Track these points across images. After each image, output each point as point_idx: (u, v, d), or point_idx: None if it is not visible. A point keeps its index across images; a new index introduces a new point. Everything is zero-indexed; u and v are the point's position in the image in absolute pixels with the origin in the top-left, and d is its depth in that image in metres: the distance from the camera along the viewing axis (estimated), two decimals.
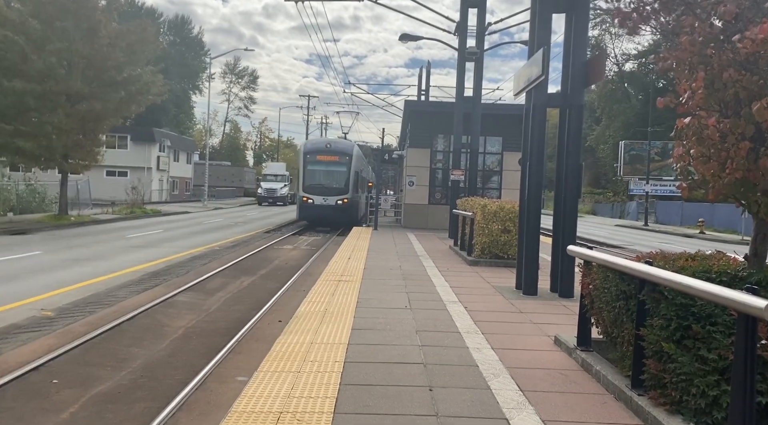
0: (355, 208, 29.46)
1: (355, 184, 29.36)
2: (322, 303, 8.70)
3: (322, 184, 28.80)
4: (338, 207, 28.23)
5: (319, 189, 28.63)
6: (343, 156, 29.48)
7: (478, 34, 21.35)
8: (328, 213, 28.19)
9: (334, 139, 31.48)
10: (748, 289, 3.56)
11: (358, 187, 30.14)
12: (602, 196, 76.30)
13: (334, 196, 28.26)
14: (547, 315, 8.58)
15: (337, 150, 29.88)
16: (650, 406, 4.61)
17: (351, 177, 28.98)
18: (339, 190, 28.69)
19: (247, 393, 4.98)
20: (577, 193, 10.26)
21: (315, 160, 29.43)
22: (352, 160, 29.37)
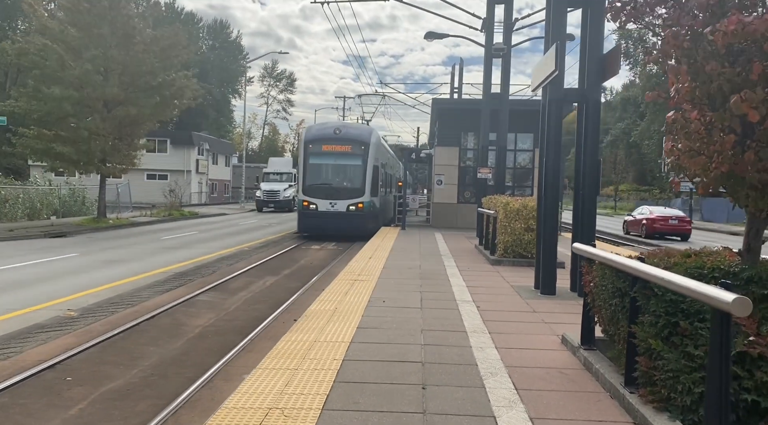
0: (374, 214, 23.19)
1: (374, 182, 23.01)
2: (334, 302, 8.78)
3: (328, 183, 22.97)
4: (351, 215, 22.23)
5: (325, 190, 22.69)
6: (357, 145, 22.91)
7: (505, 30, 21.18)
8: (336, 224, 22.15)
9: (345, 123, 23.63)
10: (721, 284, 3.49)
11: (379, 187, 23.79)
12: (648, 193, 74.64)
13: (344, 200, 22.43)
14: (561, 315, 8.49)
15: (349, 137, 23.27)
16: (640, 404, 4.55)
17: (368, 173, 22.76)
18: (352, 191, 22.68)
19: (241, 389, 5.08)
20: (595, 189, 10.11)
21: (320, 151, 23.09)
22: (370, 150, 22.82)
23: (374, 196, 23.13)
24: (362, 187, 22.71)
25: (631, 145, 76.60)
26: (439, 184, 26.46)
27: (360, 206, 22.47)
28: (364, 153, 22.87)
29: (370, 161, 22.91)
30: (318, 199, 22.57)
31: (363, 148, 22.90)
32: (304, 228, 23.11)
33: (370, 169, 22.84)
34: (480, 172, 21.09)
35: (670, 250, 5.54)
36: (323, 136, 23.51)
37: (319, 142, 23.35)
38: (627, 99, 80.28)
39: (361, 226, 22.33)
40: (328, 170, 23.47)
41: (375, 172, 23.12)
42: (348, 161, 23.12)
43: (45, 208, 28.20)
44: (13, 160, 41.04)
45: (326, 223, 22.33)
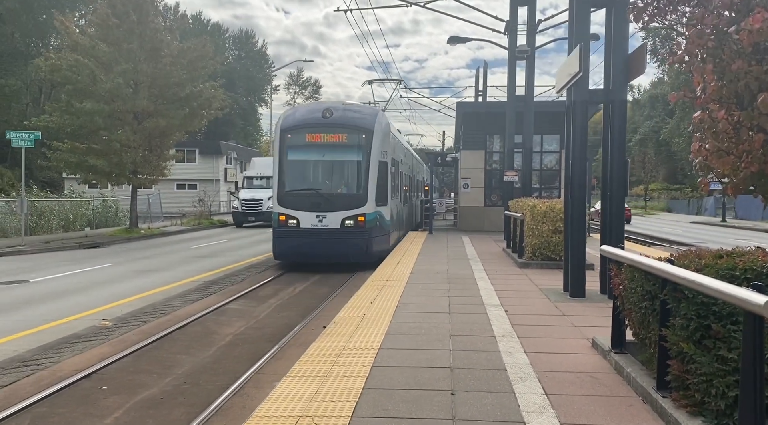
0: (382, 231, 16.76)
1: (381, 184, 16.51)
2: (362, 308, 8.82)
3: (314, 188, 16.28)
4: (347, 233, 15.82)
5: (310, 199, 16.00)
6: (356, 133, 16.37)
7: (528, 32, 21.05)
8: (326, 246, 15.79)
9: (339, 102, 18.70)
10: (753, 286, 3.44)
11: (390, 191, 17.36)
12: (679, 191, 73.37)
13: (338, 212, 15.87)
14: (591, 318, 8.40)
15: (344, 122, 16.51)
16: (673, 408, 4.49)
17: (372, 172, 16.17)
18: (348, 199, 16.15)
19: (272, 397, 5.14)
20: (623, 190, 10.00)
21: (302, 142, 16.50)
22: (375, 139, 16.27)
23: (381, 204, 16.49)
24: (364, 192, 16.03)
25: (660, 144, 75.42)
26: (466, 188, 26.38)
27: (361, 220, 15.79)
28: (366, 144, 16.18)
29: (375, 155, 16.17)
30: (300, 212, 15.87)
31: (364, 138, 16.21)
32: (282, 253, 16.30)
33: (374, 167, 16.15)
34: (506, 174, 20.98)
35: (702, 251, 5.44)
36: (307, 122, 16.60)
37: (301, 129, 16.46)
38: (655, 96, 79.13)
39: (363, 249, 15.83)
40: (315, 170, 16.98)
41: (382, 171, 16.46)
42: (343, 156, 16.55)
43: (79, 219, 28.81)
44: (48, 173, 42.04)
45: (312, 246, 15.77)
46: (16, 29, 49.31)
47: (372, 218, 16.07)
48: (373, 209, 16.12)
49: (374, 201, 16.15)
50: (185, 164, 52.20)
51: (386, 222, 17.04)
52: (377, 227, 16.30)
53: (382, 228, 16.67)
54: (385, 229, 17.02)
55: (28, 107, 49.36)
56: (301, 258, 16.29)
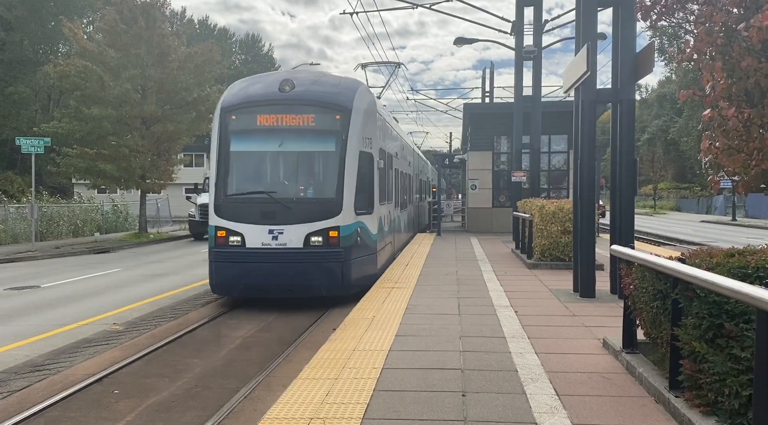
0: (365, 251, 12.20)
1: (365, 183, 12.18)
2: (372, 310, 8.82)
3: (267, 192, 11.71)
4: (313, 255, 11.32)
5: (259, 206, 11.53)
6: (325, 113, 12.00)
7: (535, 33, 21.03)
8: (282, 274, 11.26)
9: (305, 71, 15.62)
10: (766, 284, 3.41)
11: (378, 192, 12.80)
12: (688, 190, 72.99)
13: (299, 224, 11.36)
14: (602, 318, 8.37)
15: (310, 97, 12.03)
16: (686, 408, 4.46)
17: (350, 167, 11.75)
18: (315, 206, 11.67)
19: (282, 400, 5.15)
20: (632, 189, 9.95)
21: (250, 126, 12.15)
22: (353, 121, 11.90)
23: (365, 212, 11.96)
24: (338, 196, 11.42)
25: (669, 143, 75.07)
26: (474, 189, 26.34)
27: (333, 235, 11.24)
28: (341, 128, 11.65)
29: (355, 143, 11.64)
30: (246, 225, 11.28)
31: (339, 120, 11.72)
32: (221, 284, 11.51)
33: (352, 160, 11.59)
34: (514, 175, 20.94)
35: (713, 250, 5.41)
36: (258, 98, 12.01)
37: (249, 108, 11.92)
38: (663, 95, 78.81)
39: (337, 277, 11.21)
40: (268, 166, 12.42)
41: (366, 166, 11.95)
42: (308, 145, 11.94)
43: (88, 224, 28.97)
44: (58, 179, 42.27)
45: (263, 274, 11.11)
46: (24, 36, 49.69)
47: (350, 232, 11.32)
48: (351, 219, 11.37)
49: (353, 208, 11.42)
50: (193, 168, 52.37)
51: (372, 237, 12.27)
52: (358, 245, 11.57)
53: (365, 246, 11.95)
54: (371, 247, 12.23)
55: (37, 114, 49.72)
56: (248, 291, 11.44)
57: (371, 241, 12.38)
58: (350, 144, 11.64)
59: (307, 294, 11.38)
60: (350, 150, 11.63)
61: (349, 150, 11.61)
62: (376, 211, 12.62)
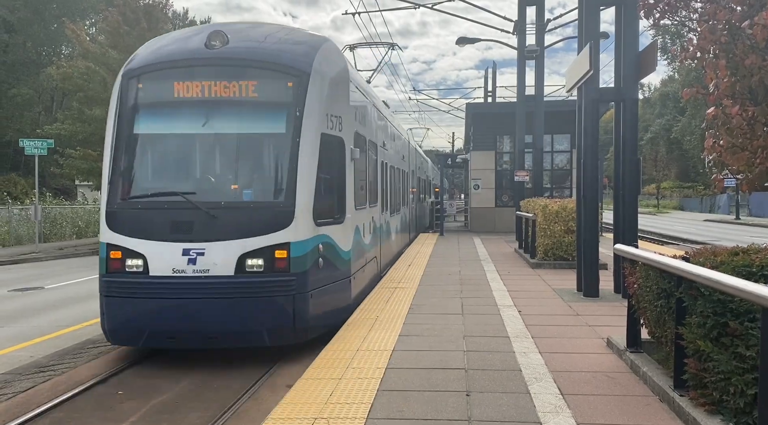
0: (332, 274, 8.33)
1: (330, 179, 8.45)
2: (375, 310, 8.82)
3: (181, 192, 7.75)
4: (248, 287, 7.37)
5: (168, 215, 7.66)
6: (273, 77, 8.06)
7: (537, 32, 21.02)
8: (202, 317, 7.29)
9: (244, 23, 9.66)
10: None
11: (353, 193, 9.24)
12: (692, 189, 72.90)
13: (229, 240, 7.42)
14: (605, 317, 8.35)
15: (248, 56, 8.08)
16: (690, 407, 4.46)
17: (308, 155, 7.81)
18: (252, 213, 7.71)
19: (286, 400, 5.15)
20: (635, 188, 9.94)
21: (162, 97, 8.22)
22: (311, 90, 7.94)
23: (330, 220, 8.44)
24: (287, 198, 7.77)
25: (672, 142, 74.97)
26: (476, 189, 26.33)
27: (280, 257, 7.56)
28: (294, 100, 8.02)
29: (314, 122, 8.00)
30: (150, 243, 7.61)
31: (291, 87, 8.08)
32: (116, 331, 7.83)
33: (311, 145, 7.94)
34: (517, 175, 20.93)
35: (716, 249, 5.40)
36: (176, 57, 8.37)
37: (161, 73, 8.31)
38: (666, 94, 78.69)
39: (287, 319, 7.56)
40: (183, 155, 8.49)
41: (332, 155, 8.50)
42: (245, 124, 8.32)
43: (92, 226, 29.00)
44: (61, 180, 42.37)
45: (176, 317, 7.45)
46: (27, 38, 49.79)
47: (306, 251, 7.66)
48: (309, 232, 7.74)
49: (311, 215, 7.79)
50: None
51: (343, 256, 8.62)
52: (320, 268, 7.91)
53: (332, 270, 8.26)
54: (340, 270, 8.54)
55: (41, 115, 49.82)
56: (156, 341, 7.73)
57: (341, 262, 8.47)
58: (308, 123, 7.72)
59: (242, 345, 7.56)
60: (308, 131, 7.70)
61: (305, 131, 7.69)
62: (351, 218, 8.85)
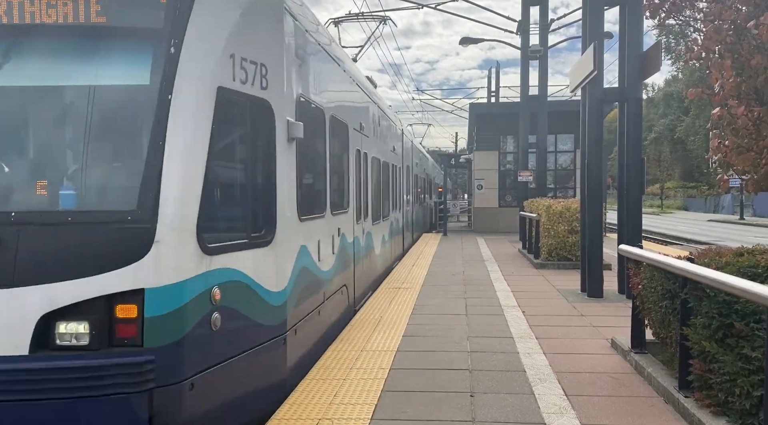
0: (254, 335, 4.73)
1: (248, 176, 4.91)
2: (379, 310, 8.81)
3: None
4: (55, 383, 3.67)
5: None
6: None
7: (540, 32, 21.03)
8: None
9: None
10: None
11: (298, 193, 5.63)
12: (696, 189, 72.72)
13: (23, 287, 3.76)
14: (610, 318, 8.33)
15: None
16: (695, 408, 4.44)
17: (184, 129, 4.10)
18: (74, 233, 3.89)
19: (290, 400, 5.14)
20: (640, 188, 9.90)
21: None
22: (198, 11, 4.23)
23: (245, 241, 4.75)
24: (144, 205, 3.96)
25: (675, 142, 74.77)
26: (480, 189, 26.29)
27: (124, 318, 3.85)
28: (167, 25, 4.19)
29: (204, 66, 4.33)
30: None
31: (165, 4, 4.22)
32: None
33: (195, 109, 4.26)
34: (520, 175, 20.92)
35: (721, 249, 5.38)
36: None
37: None
38: (670, 94, 78.48)
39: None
40: None
41: (241, 125, 4.87)
42: (75, 69, 4.38)
43: None
44: None
45: None
46: None
47: (180, 304, 4.04)
48: (186, 267, 4.11)
49: (193, 235, 4.19)
50: None
51: (270, 301, 5.09)
52: (215, 333, 4.28)
53: (244, 329, 4.73)
54: (265, 327, 5.02)
55: None
56: None
57: (266, 311, 5.05)
58: (188, 67, 4.31)
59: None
60: (188, 81, 4.31)
61: (184, 81, 4.29)
62: (289, 236, 5.47)
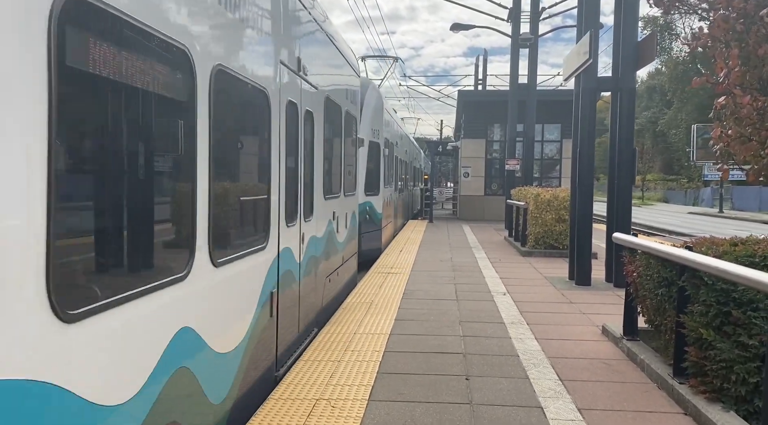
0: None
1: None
2: (369, 295, 8.80)
3: None
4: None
5: None
6: None
7: (531, 20, 20.98)
8: None
9: None
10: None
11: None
12: (675, 182, 73.57)
13: None
14: (598, 306, 8.41)
15: None
16: (690, 394, 4.49)
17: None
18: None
19: (287, 380, 5.12)
20: (630, 179, 9.98)
21: None
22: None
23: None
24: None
25: (657, 134, 75.47)
26: (466, 177, 26.33)
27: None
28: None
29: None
30: None
31: None
32: None
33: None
34: (508, 163, 20.97)
35: (716, 239, 5.43)
36: None
37: None
38: (652, 87, 79.06)
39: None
40: None
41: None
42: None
43: None
44: None
45: None
46: None
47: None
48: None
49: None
50: None
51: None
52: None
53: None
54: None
55: None
56: None
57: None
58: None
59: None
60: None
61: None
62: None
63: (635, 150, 9.96)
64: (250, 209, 4.62)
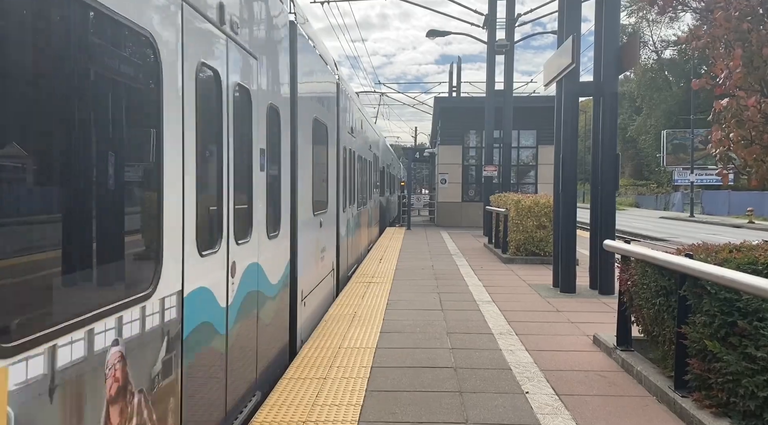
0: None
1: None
2: (352, 305, 8.53)
3: None
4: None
5: None
6: None
7: (507, 26, 20.95)
8: None
9: None
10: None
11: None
12: (645, 187, 74.60)
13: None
14: (586, 314, 8.26)
15: None
16: (695, 409, 4.31)
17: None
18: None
19: (269, 402, 4.83)
20: (614, 184, 9.88)
21: None
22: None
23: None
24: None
25: (627, 140, 76.49)
26: (443, 183, 26.20)
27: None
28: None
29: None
30: None
31: None
32: None
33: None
34: (486, 170, 20.88)
35: (710, 246, 5.29)
36: None
37: None
38: (622, 94, 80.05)
39: None
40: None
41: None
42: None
43: None
44: None
45: None
46: None
47: None
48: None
49: None
50: None
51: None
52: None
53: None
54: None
55: None
56: None
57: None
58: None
59: None
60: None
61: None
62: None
63: (618, 155, 9.87)
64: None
